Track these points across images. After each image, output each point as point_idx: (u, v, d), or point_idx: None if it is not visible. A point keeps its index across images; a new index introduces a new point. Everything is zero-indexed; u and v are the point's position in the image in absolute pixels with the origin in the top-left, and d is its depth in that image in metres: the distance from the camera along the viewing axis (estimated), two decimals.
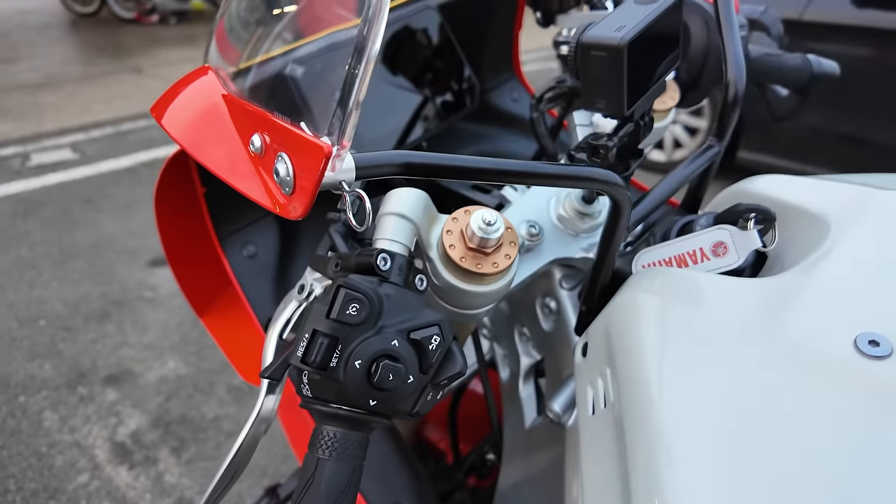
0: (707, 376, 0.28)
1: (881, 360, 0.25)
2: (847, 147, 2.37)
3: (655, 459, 0.26)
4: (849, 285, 0.30)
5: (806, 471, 0.23)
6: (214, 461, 1.34)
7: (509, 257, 0.36)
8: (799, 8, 2.31)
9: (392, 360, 0.28)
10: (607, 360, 0.34)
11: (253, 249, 0.56)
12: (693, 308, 0.31)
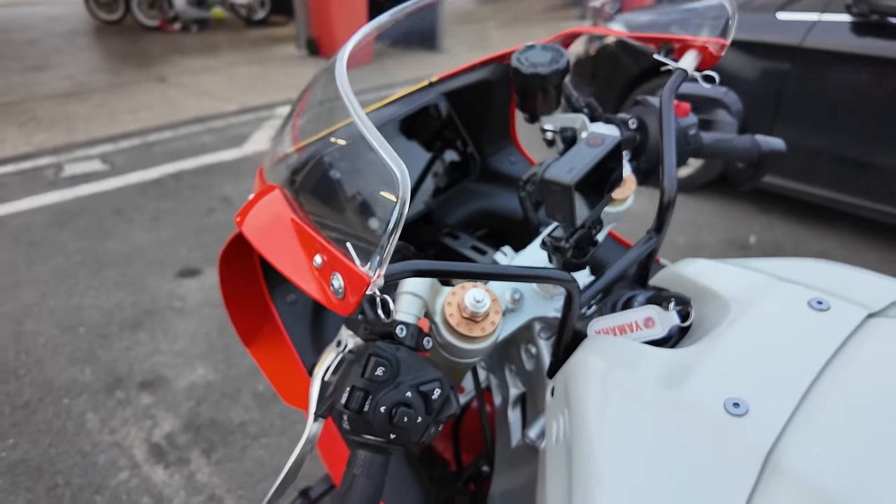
0: (628, 423, 0.40)
1: (740, 418, 0.37)
2: (850, 169, 2.45)
3: (590, 483, 0.38)
4: (730, 358, 0.41)
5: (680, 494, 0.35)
6: (241, 462, 1.47)
7: (493, 324, 0.48)
8: (799, 35, 2.40)
9: (406, 406, 0.40)
10: (566, 402, 0.46)
11: (294, 297, 0.68)
12: (624, 371, 0.43)
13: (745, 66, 2.56)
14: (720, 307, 0.46)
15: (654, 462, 0.37)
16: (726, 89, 0.73)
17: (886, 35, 2.22)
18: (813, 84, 2.40)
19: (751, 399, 0.38)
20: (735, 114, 0.75)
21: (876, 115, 2.30)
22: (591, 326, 0.50)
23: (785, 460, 0.35)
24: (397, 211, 0.35)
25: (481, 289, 0.47)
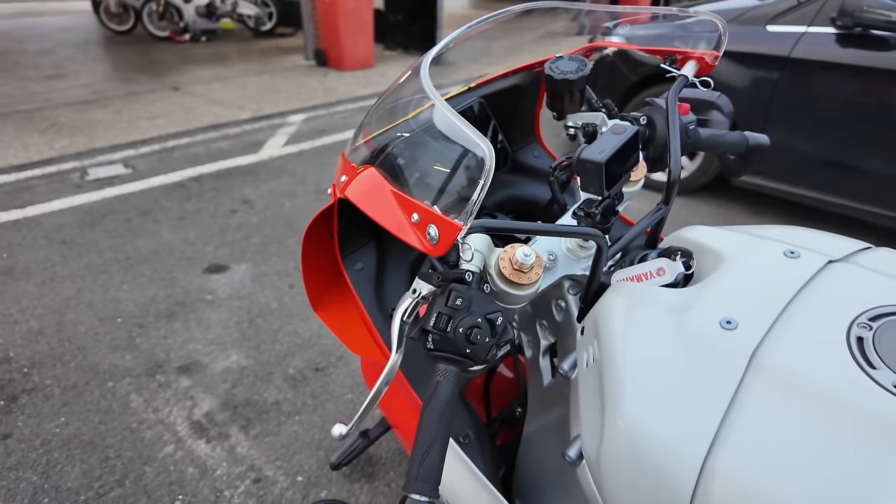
0: (646, 344, 0.53)
1: (731, 331, 0.50)
2: (837, 172, 2.60)
3: (619, 390, 0.52)
4: (723, 292, 0.55)
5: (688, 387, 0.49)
6: (277, 437, 1.60)
7: (537, 275, 0.61)
8: (788, 46, 2.55)
9: (478, 329, 0.53)
10: (595, 335, 0.59)
11: (360, 266, 0.82)
12: (642, 307, 0.57)
13: (737, 75, 2.72)
14: (715, 259, 0.60)
15: (668, 370, 0.51)
16: (719, 93, 0.87)
17: (869, 46, 2.38)
18: (801, 92, 2.55)
19: (739, 318, 0.51)
20: (727, 114, 0.89)
21: (860, 121, 2.45)
22: (614, 277, 0.64)
23: (765, 359, 0.48)
24: (486, 172, 0.49)
25: (528, 247, 0.61)
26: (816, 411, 0.43)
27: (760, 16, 2.72)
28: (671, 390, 0.48)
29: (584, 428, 0.57)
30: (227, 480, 1.48)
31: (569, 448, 0.59)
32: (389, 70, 6.35)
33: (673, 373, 0.49)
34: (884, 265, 0.55)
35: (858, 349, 0.46)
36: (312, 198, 3.14)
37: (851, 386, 0.44)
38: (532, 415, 0.81)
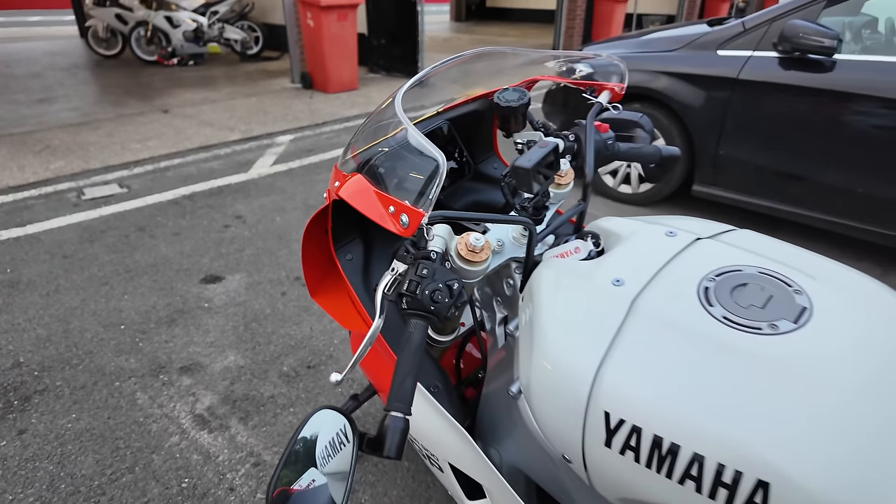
0: (562, 299, 0.72)
1: (619, 287, 0.69)
2: (785, 182, 2.84)
3: (542, 333, 0.70)
4: (618, 261, 0.74)
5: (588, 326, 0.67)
6: (274, 426, 1.75)
7: (487, 255, 0.80)
8: (736, 69, 2.81)
9: (440, 291, 0.71)
10: (531, 299, 0.78)
11: (350, 256, 1.00)
12: (563, 274, 0.75)
13: (693, 95, 2.97)
14: (616, 239, 0.79)
15: (575, 316, 0.70)
16: (642, 114, 1.07)
17: (806, 68, 2.64)
18: (749, 109, 2.81)
19: (626, 278, 0.70)
20: (648, 131, 1.08)
21: (802, 135, 2.71)
22: (545, 255, 0.82)
23: (640, 304, 0.67)
24: (440, 174, 0.68)
25: (479, 234, 0.80)
26: (671, 335, 0.62)
27: (712, 41, 2.99)
28: (576, 328, 0.67)
29: (521, 368, 0.75)
30: (229, 465, 1.63)
31: (512, 386, 0.77)
32: (373, 92, 6.59)
33: (579, 317, 0.68)
34: (736, 241, 0.75)
35: (703, 295, 0.65)
36: (302, 213, 3.31)
37: (695, 318, 0.63)
38: (490, 374, 0.98)
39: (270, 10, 8.92)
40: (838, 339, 0.57)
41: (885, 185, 2.55)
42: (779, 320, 0.60)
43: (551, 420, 0.68)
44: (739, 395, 0.55)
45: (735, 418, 0.54)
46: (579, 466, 0.66)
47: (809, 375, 0.54)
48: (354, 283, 0.97)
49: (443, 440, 0.89)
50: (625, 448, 0.59)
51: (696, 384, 0.58)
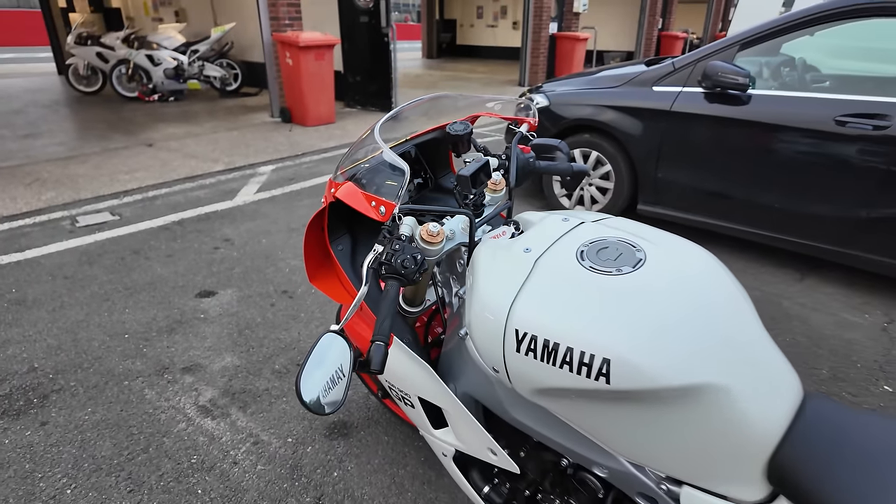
0: (491, 264, 1.04)
1: (528, 253, 1.02)
2: (715, 200, 3.25)
3: (477, 287, 1.02)
4: (529, 238, 1.07)
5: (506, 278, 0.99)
6: (269, 413, 2.01)
7: (442, 239, 1.12)
8: (669, 102, 3.24)
9: (408, 259, 1.02)
10: (473, 269, 1.10)
11: (341, 247, 1.30)
12: (494, 249, 1.08)
13: (633, 126, 3.39)
14: (530, 224, 1.12)
15: (498, 273, 1.01)
16: (560, 140, 1.41)
17: (726, 101, 3.08)
18: (681, 137, 3.23)
19: (532, 247, 1.03)
20: (565, 153, 1.42)
21: (726, 158, 3.13)
22: (483, 238, 1.15)
23: (541, 262, 0.99)
24: (406, 178, 1.00)
25: (436, 224, 1.12)
26: (557, 280, 0.94)
27: (648, 79, 3.43)
28: (499, 281, 0.98)
29: (466, 315, 1.06)
30: (232, 444, 1.88)
31: (461, 330, 1.08)
32: (349, 125, 6.96)
33: (501, 274, 0.99)
34: (607, 223, 1.08)
35: (579, 255, 0.97)
36: (286, 235, 3.60)
37: (572, 268, 0.95)
38: (448, 336, 1.29)
39: (249, 48, 9.31)
40: (659, 276, 0.90)
41: (797, 201, 2.98)
42: (623, 267, 0.92)
43: (484, 343, 0.98)
44: (594, 310, 0.87)
45: (591, 324, 0.86)
46: (503, 373, 0.97)
47: (638, 297, 0.87)
48: (344, 266, 1.28)
49: (414, 379, 1.18)
50: (528, 351, 0.90)
51: (569, 306, 0.89)
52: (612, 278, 0.90)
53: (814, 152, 2.86)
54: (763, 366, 0.85)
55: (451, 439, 1.23)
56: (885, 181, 2.70)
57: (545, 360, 0.88)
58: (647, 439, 0.87)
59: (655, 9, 15.28)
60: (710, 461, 0.84)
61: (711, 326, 0.84)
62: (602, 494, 1.10)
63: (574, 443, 0.99)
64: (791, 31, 2.99)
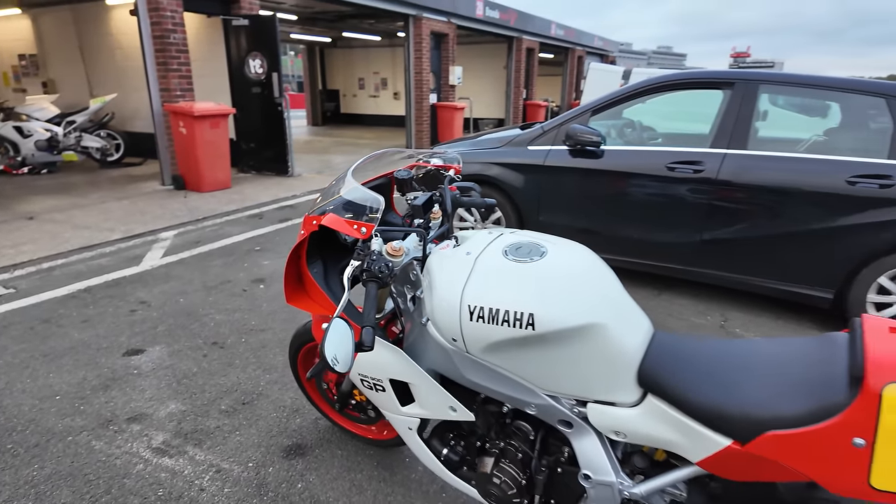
0: (442, 266, 1.43)
1: (469, 255, 1.42)
2: (585, 235, 3.92)
3: (433, 284, 1.41)
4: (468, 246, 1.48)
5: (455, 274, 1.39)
6: (225, 446, 2.16)
7: (402, 253, 1.49)
8: (542, 158, 3.93)
9: (381, 267, 1.37)
10: (428, 272, 1.48)
11: (316, 270, 1.61)
12: (441, 256, 1.47)
13: (516, 177, 4.03)
14: (466, 238, 1.54)
15: (449, 272, 1.41)
16: (474, 183, 1.87)
17: (586, 156, 3.81)
18: (554, 186, 3.91)
19: (471, 251, 1.44)
20: (478, 192, 1.88)
21: (590, 201, 3.84)
22: (433, 250, 1.54)
23: (479, 261, 1.40)
24: (382, 206, 1.38)
25: (398, 242, 1.49)
26: (490, 270, 1.35)
27: (523, 140, 4.11)
28: (451, 277, 1.37)
29: (427, 307, 1.42)
30: (195, 475, 2.00)
31: (422, 319, 1.44)
32: (247, 189, 7.08)
33: (451, 272, 1.38)
34: (521, 233, 1.53)
35: (504, 253, 1.40)
36: (204, 293, 3.70)
37: (499, 261, 1.36)
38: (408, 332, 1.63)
39: (131, 119, 9.14)
40: (558, 260, 1.34)
41: (648, 231, 3.72)
42: (534, 257, 1.36)
43: (443, 321, 1.35)
44: (519, 284, 1.28)
45: (519, 293, 1.27)
46: (461, 341, 1.34)
47: (546, 273, 1.30)
48: (321, 284, 1.59)
49: (386, 362, 1.51)
50: (478, 318, 1.29)
51: (502, 284, 1.30)
52: (528, 264, 1.33)
53: (655, 192, 3.64)
54: (627, 313, 1.31)
55: (416, 411, 1.56)
56: (709, 212, 3.51)
57: (490, 322, 1.28)
58: (559, 372, 1.28)
59: (519, 81, 17.21)
60: (602, 380, 1.26)
61: (593, 288, 1.29)
62: (533, 436, 1.48)
63: (511, 388, 1.37)
64: (629, 99, 3.83)
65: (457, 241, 1.56)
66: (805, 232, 3.27)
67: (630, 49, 69.96)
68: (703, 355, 1.26)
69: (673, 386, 1.20)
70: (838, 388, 1.01)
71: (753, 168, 3.37)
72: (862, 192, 3.12)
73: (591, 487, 1.35)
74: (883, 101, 3.19)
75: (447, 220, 1.66)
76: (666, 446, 1.22)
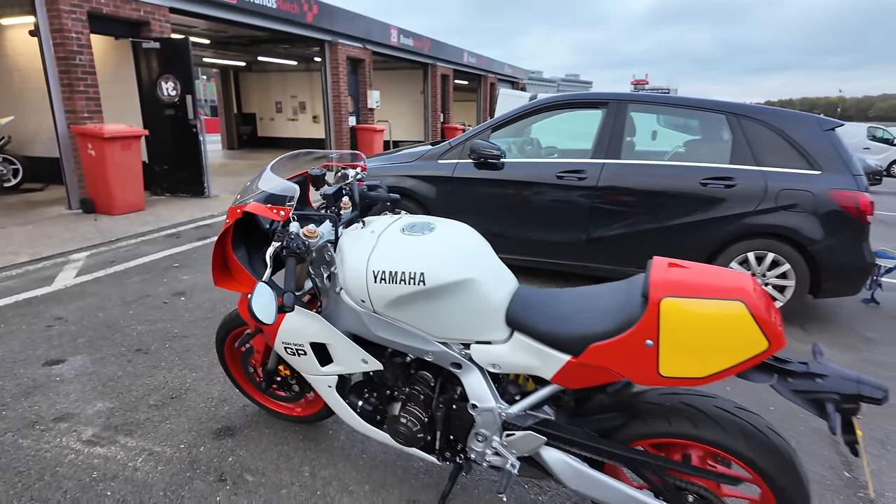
0: (350, 244, 1.73)
1: (372, 233, 1.74)
2: (495, 239, 4.34)
3: (344, 256, 1.71)
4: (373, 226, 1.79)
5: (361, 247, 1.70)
6: (157, 433, 2.30)
7: (317, 236, 1.77)
8: (451, 170, 4.33)
9: (297, 244, 1.65)
10: (341, 251, 1.77)
11: (240, 254, 1.85)
12: (352, 236, 1.77)
13: (428, 189, 4.40)
14: (373, 222, 1.85)
15: (358, 247, 1.71)
16: (379, 181, 2.19)
17: (489, 168, 4.26)
18: (463, 195, 4.32)
19: (375, 230, 1.75)
20: (384, 188, 2.20)
21: (494, 208, 4.27)
22: (344, 233, 1.83)
23: (381, 236, 1.72)
24: (297, 194, 1.66)
25: (312, 226, 1.77)
26: (390, 242, 1.67)
27: (434, 154, 4.51)
28: (359, 250, 1.67)
29: (341, 279, 1.71)
30: (128, 458, 2.14)
31: (337, 288, 1.72)
32: (161, 211, 7.00)
33: (359, 247, 1.69)
34: (416, 216, 1.86)
35: (401, 229, 1.72)
36: (123, 308, 3.74)
37: (397, 236, 1.68)
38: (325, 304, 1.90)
39: (30, 143, 8.72)
40: (444, 234, 1.69)
41: (546, 233, 4.20)
42: (425, 232, 1.69)
43: (354, 287, 1.65)
44: (413, 251, 1.61)
45: (412, 257, 1.59)
46: (368, 302, 1.64)
47: (434, 242, 1.64)
48: (245, 266, 1.83)
49: (307, 328, 1.78)
50: (380, 280, 1.60)
51: (399, 252, 1.62)
52: (420, 237, 1.66)
53: (548, 199, 4.13)
54: (497, 271, 1.67)
55: (334, 369, 1.83)
56: (593, 214, 4.04)
57: (391, 282, 1.59)
58: (446, 320, 1.61)
59: (436, 106, 17.90)
60: (479, 324, 1.61)
61: (469, 253, 1.64)
62: (433, 382, 1.80)
63: (411, 339, 1.68)
64: (524, 118, 4.33)
65: (364, 224, 1.87)
66: (671, 227, 3.86)
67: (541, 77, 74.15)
68: (551, 300, 1.64)
69: (530, 323, 1.57)
70: (635, 306, 1.42)
71: (627, 175, 3.95)
72: (712, 192, 3.75)
73: (478, 415, 1.69)
74: (724, 117, 3.86)
75: (355, 209, 1.96)
76: (529, 370, 1.58)
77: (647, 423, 1.54)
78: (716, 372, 1.33)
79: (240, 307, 2.03)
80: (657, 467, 1.53)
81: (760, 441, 1.43)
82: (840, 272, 3.60)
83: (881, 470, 2.21)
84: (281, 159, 2.00)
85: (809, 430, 2.45)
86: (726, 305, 1.31)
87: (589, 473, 1.61)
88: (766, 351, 1.29)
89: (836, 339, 3.57)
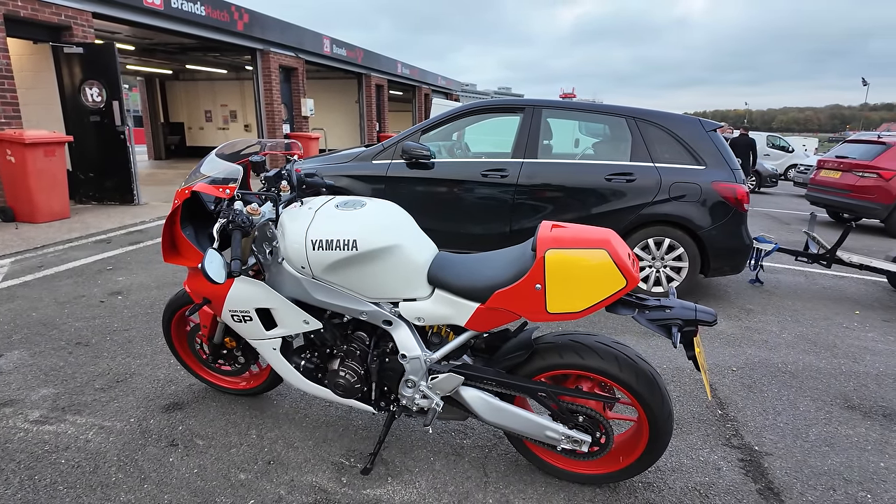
0: (290, 219, 1.98)
1: (310, 209, 1.99)
2: (429, 233, 4.64)
3: (285, 232, 1.95)
4: (312, 204, 2.05)
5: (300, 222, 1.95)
6: (105, 410, 2.42)
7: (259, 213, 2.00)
8: (384, 170, 4.61)
9: (242, 218, 1.88)
10: (282, 226, 2.01)
11: (188, 232, 2.04)
12: (292, 213, 2.02)
13: (363, 187, 4.66)
14: (311, 200, 2.10)
15: (297, 221, 1.96)
16: (315, 168, 2.44)
17: (419, 168, 4.58)
18: (396, 194, 4.61)
19: (312, 206, 2.01)
20: (320, 175, 2.45)
21: (425, 205, 4.59)
22: (284, 211, 2.07)
23: (318, 212, 1.98)
24: (241, 174, 1.89)
25: (255, 205, 2.00)
26: (325, 216, 1.93)
27: (368, 155, 4.78)
28: (298, 224, 1.92)
29: (283, 250, 1.95)
30: (79, 432, 2.26)
31: (279, 258, 1.96)
32: (89, 218, 6.84)
33: (298, 222, 1.93)
34: (351, 196, 2.12)
35: (335, 206, 1.98)
36: (57, 307, 3.75)
37: (332, 210, 1.95)
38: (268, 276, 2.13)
39: None
40: (373, 209, 1.97)
41: (474, 226, 4.55)
42: (357, 207, 1.97)
43: (294, 256, 1.90)
44: (346, 222, 1.88)
45: (345, 227, 1.86)
46: (307, 268, 1.89)
47: (364, 216, 1.91)
48: (193, 242, 2.03)
49: (252, 294, 2.00)
50: (318, 248, 1.85)
51: (334, 224, 1.89)
52: (352, 211, 1.94)
53: (475, 195, 4.50)
54: (418, 239, 1.97)
55: (278, 332, 2.06)
56: (514, 208, 4.43)
57: (327, 249, 1.85)
58: (377, 282, 1.89)
59: (371, 115, 18.12)
60: (406, 283, 1.90)
61: (396, 223, 1.93)
62: (368, 341, 2.07)
63: (347, 301, 1.94)
64: (450, 121, 4.68)
65: (302, 203, 2.12)
66: (582, 217, 4.31)
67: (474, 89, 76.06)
68: (463, 261, 1.95)
69: (448, 280, 1.88)
70: (527, 259, 1.76)
71: (543, 172, 4.37)
72: (615, 187, 4.24)
73: (407, 363, 1.97)
74: (624, 121, 4.37)
75: (294, 191, 2.21)
76: (447, 320, 1.89)
77: (544, 358, 1.88)
78: (589, 306, 1.69)
79: (188, 283, 2.21)
80: (552, 393, 1.87)
81: (630, 365, 1.80)
82: (724, 253, 4.17)
83: (745, 407, 2.68)
84: (224, 146, 2.22)
85: (693, 381, 2.90)
86: (594, 254, 1.67)
87: (500, 405, 1.93)
88: (625, 287, 1.66)
89: (723, 310, 4.13)
